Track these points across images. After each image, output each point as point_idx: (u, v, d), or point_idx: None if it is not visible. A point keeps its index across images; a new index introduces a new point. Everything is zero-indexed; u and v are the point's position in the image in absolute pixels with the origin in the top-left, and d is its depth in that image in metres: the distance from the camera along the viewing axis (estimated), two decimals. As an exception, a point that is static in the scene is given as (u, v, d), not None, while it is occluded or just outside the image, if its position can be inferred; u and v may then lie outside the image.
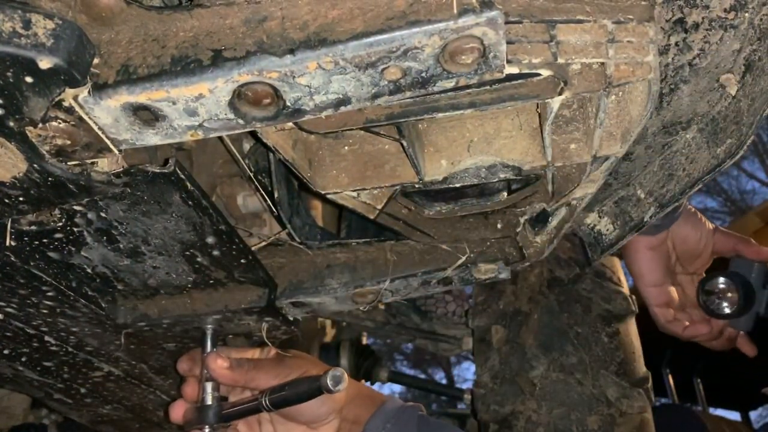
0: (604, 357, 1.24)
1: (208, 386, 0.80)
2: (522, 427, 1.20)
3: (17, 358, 0.86)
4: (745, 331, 1.27)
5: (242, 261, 0.73)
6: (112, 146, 0.53)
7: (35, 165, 0.52)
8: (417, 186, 0.69)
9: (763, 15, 0.67)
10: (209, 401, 0.80)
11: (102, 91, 0.48)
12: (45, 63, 0.44)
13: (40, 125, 0.49)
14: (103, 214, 0.62)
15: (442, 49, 0.47)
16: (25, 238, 0.64)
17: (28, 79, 0.45)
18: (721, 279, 1.22)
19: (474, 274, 0.84)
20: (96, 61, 0.49)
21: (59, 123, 0.50)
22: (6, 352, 0.84)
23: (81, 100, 0.48)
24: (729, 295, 1.22)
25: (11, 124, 0.48)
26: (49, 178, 0.53)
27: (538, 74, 0.54)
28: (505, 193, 0.76)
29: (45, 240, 0.65)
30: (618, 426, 1.63)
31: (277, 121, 0.52)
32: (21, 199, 0.56)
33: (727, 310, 1.22)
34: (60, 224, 0.63)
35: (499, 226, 0.78)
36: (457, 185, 0.70)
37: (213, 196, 0.89)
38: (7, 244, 0.63)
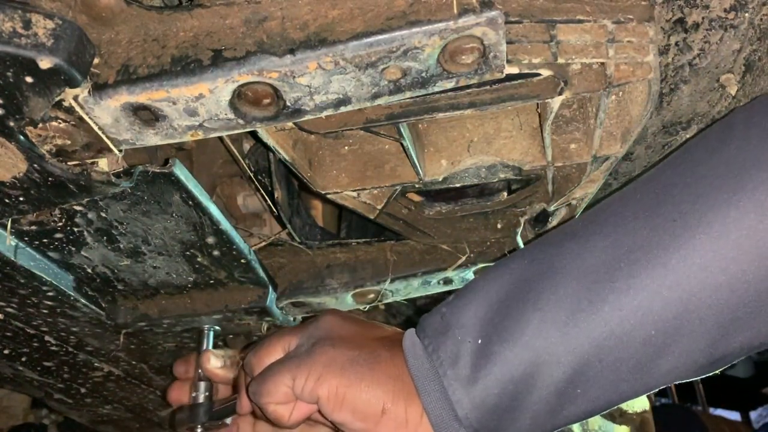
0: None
1: (201, 385, 0.80)
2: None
3: (17, 358, 0.86)
4: None
5: (242, 261, 0.73)
6: (112, 146, 0.53)
7: (35, 165, 0.52)
8: (417, 186, 0.69)
9: (763, 15, 0.67)
10: (201, 400, 0.79)
11: (102, 91, 0.48)
12: (45, 63, 0.44)
13: (40, 125, 0.49)
14: (103, 214, 0.62)
15: (442, 49, 0.47)
16: (25, 238, 0.64)
17: (28, 79, 0.45)
18: None
19: (474, 275, 0.84)
20: (96, 61, 0.49)
21: (59, 123, 0.50)
22: (6, 352, 0.84)
23: (81, 100, 0.48)
24: None
25: (11, 124, 0.48)
26: (49, 178, 0.53)
27: (538, 74, 0.54)
28: (505, 193, 0.76)
29: (45, 240, 0.65)
30: (618, 426, 1.63)
31: (277, 121, 0.52)
32: (21, 199, 0.56)
33: None
34: (60, 224, 0.63)
35: (499, 226, 0.78)
36: (457, 185, 0.70)
37: (213, 196, 0.89)
38: (7, 244, 0.63)
